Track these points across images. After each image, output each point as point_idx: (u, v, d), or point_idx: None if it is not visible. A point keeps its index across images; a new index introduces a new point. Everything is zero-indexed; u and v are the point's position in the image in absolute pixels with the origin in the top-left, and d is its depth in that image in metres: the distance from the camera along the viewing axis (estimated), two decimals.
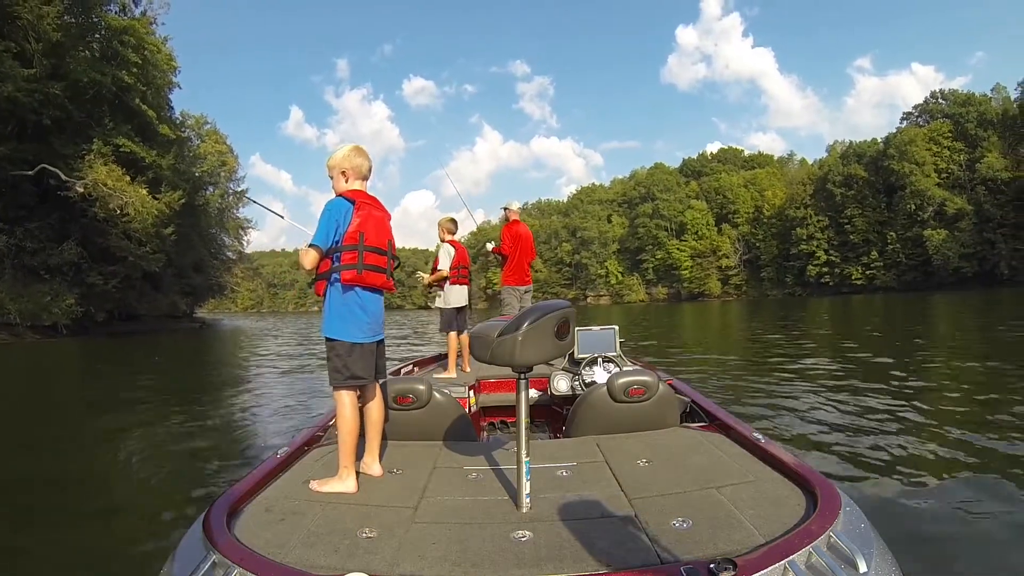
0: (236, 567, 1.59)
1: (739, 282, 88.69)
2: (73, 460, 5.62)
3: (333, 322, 2.59)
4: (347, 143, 2.80)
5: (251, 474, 2.44)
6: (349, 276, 2.55)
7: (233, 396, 9.70)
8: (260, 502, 2.18)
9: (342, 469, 2.42)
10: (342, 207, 2.58)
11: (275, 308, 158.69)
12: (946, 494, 3.73)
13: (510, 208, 7.06)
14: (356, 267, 2.55)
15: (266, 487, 2.34)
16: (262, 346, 22.68)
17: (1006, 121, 64.08)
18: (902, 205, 68.63)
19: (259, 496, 2.24)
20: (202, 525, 1.86)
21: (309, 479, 2.42)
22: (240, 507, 2.11)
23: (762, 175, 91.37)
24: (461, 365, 5.86)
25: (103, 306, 32.07)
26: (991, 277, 59.41)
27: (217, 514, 1.94)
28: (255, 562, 1.62)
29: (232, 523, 1.95)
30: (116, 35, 30.62)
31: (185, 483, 4.74)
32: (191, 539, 1.86)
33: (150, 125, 33.79)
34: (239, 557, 1.63)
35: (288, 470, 2.59)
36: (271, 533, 1.90)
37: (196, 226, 43.63)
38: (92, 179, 27.23)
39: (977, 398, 6.64)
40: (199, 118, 50.98)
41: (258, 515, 2.06)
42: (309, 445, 2.99)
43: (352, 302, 2.59)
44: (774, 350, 13.46)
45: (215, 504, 2.04)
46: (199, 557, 1.69)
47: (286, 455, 2.71)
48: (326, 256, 2.56)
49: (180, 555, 1.81)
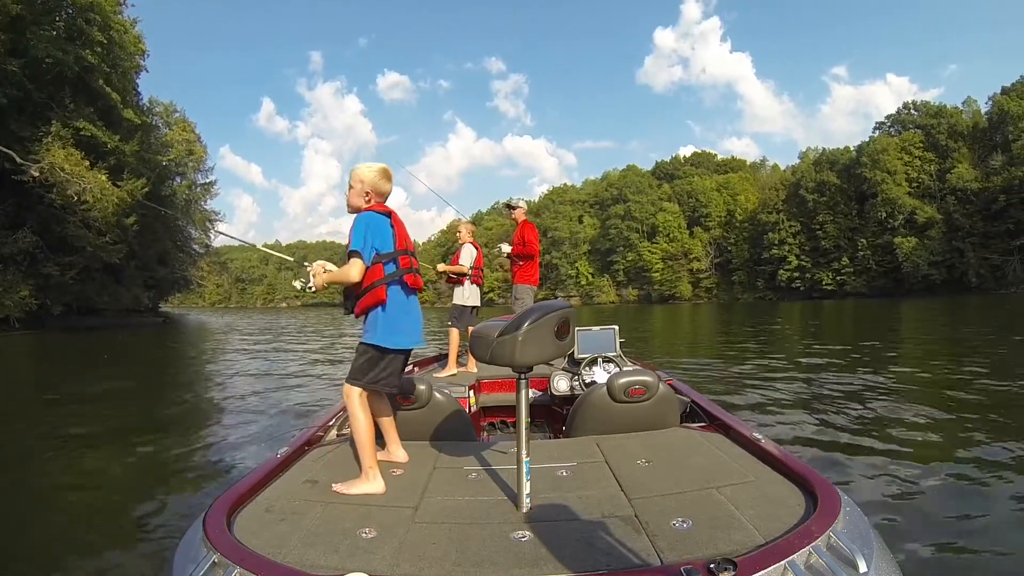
0: (236, 567, 1.57)
1: (710, 285, 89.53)
2: (53, 463, 5.54)
3: (389, 332, 2.61)
4: (368, 162, 2.78)
5: (251, 474, 2.42)
6: (411, 279, 2.66)
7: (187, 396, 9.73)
8: (260, 502, 2.17)
9: (367, 469, 2.40)
10: (380, 220, 2.63)
11: (243, 303, 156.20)
12: (946, 494, 3.77)
13: (519, 207, 6.68)
14: (412, 270, 2.68)
15: (266, 487, 2.33)
16: (227, 345, 21.90)
17: (976, 133, 65.99)
18: (873, 212, 70.06)
19: (259, 496, 2.23)
20: (202, 525, 1.84)
21: (309, 479, 2.44)
22: (240, 507, 2.10)
23: (735, 179, 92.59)
24: (466, 364, 5.81)
25: (60, 299, 30.79)
26: (959, 285, 60.94)
27: (217, 514, 1.93)
28: (255, 562, 1.61)
29: (232, 523, 1.95)
30: (81, 12, 29.12)
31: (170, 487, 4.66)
32: (191, 539, 1.82)
33: (114, 109, 32.36)
34: (239, 557, 1.62)
35: (288, 470, 2.58)
36: (271, 533, 1.89)
37: (161, 217, 42.04)
38: (48, 163, 25.76)
39: (975, 400, 6.63)
40: (168, 105, 49.15)
41: (258, 515, 2.05)
42: (309, 445, 2.99)
43: (405, 305, 2.66)
44: (757, 352, 13.67)
45: (215, 504, 2.03)
46: (199, 557, 1.67)
47: (286, 455, 2.70)
48: (371, 265, 2.57)
49: (180, 555, 1.77)
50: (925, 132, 69.52)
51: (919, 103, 74.07)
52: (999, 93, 64.31)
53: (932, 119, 69.69)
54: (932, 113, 70.58)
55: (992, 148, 62.54)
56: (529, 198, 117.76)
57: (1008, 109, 61.22)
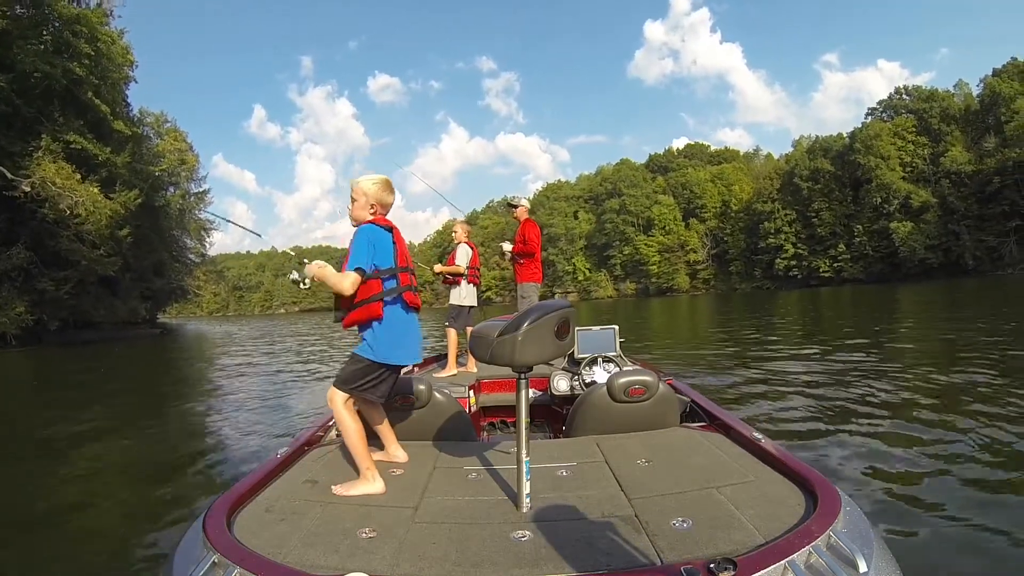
0: (236, 567, 1.57)
1: (707, 276, 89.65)
2: (52, 465, 5.53)
3: (387, 348, 2.58)
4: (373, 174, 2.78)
5: (251, 474, 2.43)
6: (410, 297, 2.65)
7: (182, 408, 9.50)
8: (260, 502, 2.17)
9: (365, 471, 2.39)
10: (383, 234, 2.62)
11: (241, 311, 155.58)
12: (947, 493, 3.73)
13: (521, 205, 6.65)
14: (412, 288, 2.68)
15: (266, 487, 2.33)
16: (225, 352, 21.85)
17: (968, 116, 65.86)
18: (868, 198, 70.04)
19: (259, 496, 2.23)
20: (202, 525, 1.85)
21: (309, 479, 2.44)
22: (240, 507, 2.10)
23: (729, 170, 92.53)
24: (466, 364, 5.79)
25: (56, 314, 30.50)
26: (956, 268, 61.00)
27: (217, 514, 1.93)
28: (255, 562, 1.61)
29: (232, 523, 1.95)
30: (67, 25, 28.80)
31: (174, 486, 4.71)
32: (191, 539, 1.83)
33: (104, 121, 31.99)
34: (239, 557, 1.63)
35: (288, 470, 2.59)
36: (271, 533, 1.89)
37: (156, 227, 41.89)
38: (39, 177, 25.57)
39: (977, 394, 6.50)
40: (159, 116, 48.82)
41: (258, 515, 2.05)
42: (309, 445, 3.00)
43: (404, 323, 2.64)
44: (756, 344, 13.62)
45: (215, 504, 2.03)
46: (199, 557, 1.68)
47: (286, 455, 2.70)
48: (368, 279, 2.55)
49: (180, 555, 1.78)
50: (917, 116, 69.50)
51: (911, 88, 74.18)
52: (990, 75, 64.34)
53: (924, 103, 69.69)
54: (924, 97, 70.57)
55: (985, 130, 62.42)
56: (524, 195, 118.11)
57: (1000, 91, 61.19)
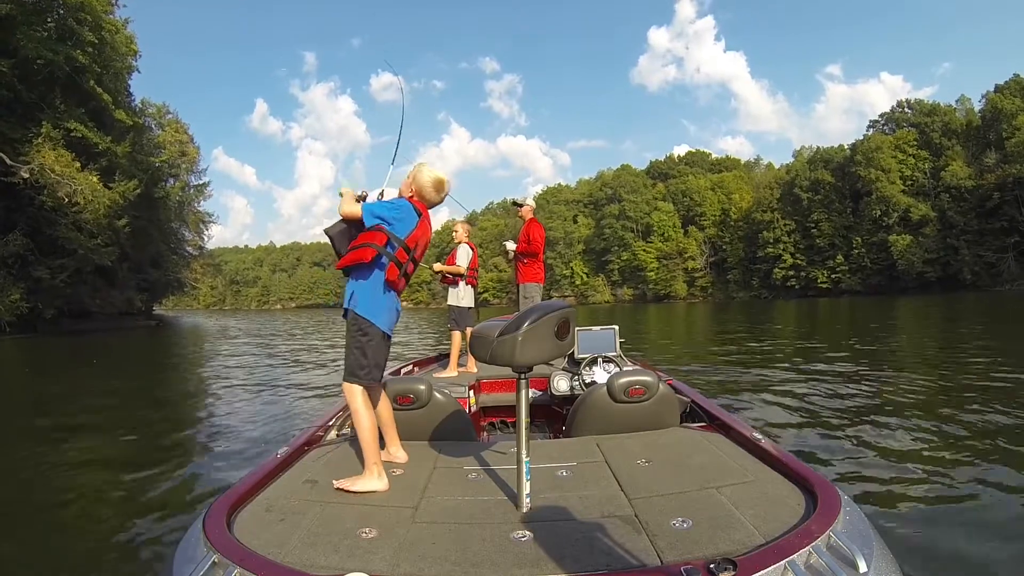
0: (236, 567, 1.57)
1: (705, 284, 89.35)
2: (49, 465, 5.43)
3: (369, 304, 2.58)
4: (424, 164, 2.80)
5: (251, 474, 2.42)
6: (393, 276, 2.59)
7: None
8: (260, 502, 2.16)
9: (371, 466, 2.38)
10: (412, 212, 2.65)
11: (238, 305, 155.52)
12: (946, 494, 3.74)
13: (527, 204, 6.60)
14: (403, 271, 2.63)
15: (266, 487, 2.32)
16: (221, 347, 21.69)
17: (969, 131, 66.00)
18: (868, 210, 70.06)
19: (259, 496, 2.22)
20: (202, 525, 1.84)
21: (309, 479, 2.42)
22: (240, 507, 2.09)
23: (729, 178, 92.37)
24: (466, 365, 5.76)
25: (52, 302, 30.39)
26: (954, 282, 60.94)
27: (217, 514, 1.92)
28: (255, 562, 1.61)
29: (232, 523, 1.94)
30: (72, 12, 28.75)
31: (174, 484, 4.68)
32: (191, 539, 1.82)
33: (105, 110, 32.03)
34: (239, 557, 1.62)
35: (288, 470, 2.58)
36: (271, 533, 1.88)
37: (154, 219, 41.85)
38: (39, 164, 25.43)
39: (977, 398, 6.55)
40: (160, 107, 49.04)
41: (258, 515, 2.04)
42: (309, 445, 2.99)
43: (386, 294, 2.62)
44: (754, 351, 13.67)
45: (215, 504, 2.03)
46: (199, 557, 1.67)
47: (286, 455, 2.69)
48: (368, 230, 2.57)
49: (180, 555, 1.77)
50: (919, 130, 69.57)
51: (913, 101, 74.27)
52: (992, 91, 64.45)
53: (926, 117, 69.81)
54: (926, 111, 70.68)
55: (986, 146, 62.50)
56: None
57: (1001, 107, 61.23)
